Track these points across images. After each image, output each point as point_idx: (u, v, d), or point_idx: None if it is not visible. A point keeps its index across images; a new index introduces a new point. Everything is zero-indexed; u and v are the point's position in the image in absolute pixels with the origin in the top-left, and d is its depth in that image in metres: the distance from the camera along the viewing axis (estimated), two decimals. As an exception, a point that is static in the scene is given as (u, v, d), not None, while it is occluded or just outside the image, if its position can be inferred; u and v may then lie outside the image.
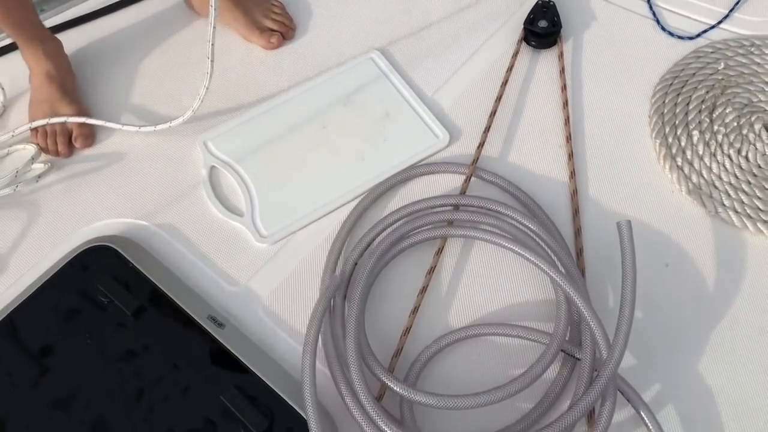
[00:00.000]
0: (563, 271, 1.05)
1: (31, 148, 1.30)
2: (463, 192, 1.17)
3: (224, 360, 1.03)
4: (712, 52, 1.32)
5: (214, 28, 1.16)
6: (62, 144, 1.30)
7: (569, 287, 1.00)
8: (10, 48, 1.47)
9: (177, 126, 1.25)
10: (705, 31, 1.36)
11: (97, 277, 1.10)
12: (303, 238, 1.17)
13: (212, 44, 1.17)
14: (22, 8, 1.26)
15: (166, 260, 1.15)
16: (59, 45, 1.36)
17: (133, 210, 1.22)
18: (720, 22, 1.37)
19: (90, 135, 1.32)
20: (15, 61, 1.44)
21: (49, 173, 1.27)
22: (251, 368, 1.02)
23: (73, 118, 1.29)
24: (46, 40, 1.32)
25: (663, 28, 1.37)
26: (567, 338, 1.03)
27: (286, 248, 1.16)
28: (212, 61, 1.18)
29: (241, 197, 1.21)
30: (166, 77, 1.39)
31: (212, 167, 1.25)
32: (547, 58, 1.35)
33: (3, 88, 1.38)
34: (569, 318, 1.02)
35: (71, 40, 1.42)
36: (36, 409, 1.01)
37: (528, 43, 1.36)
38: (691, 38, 1.36)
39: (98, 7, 1.50)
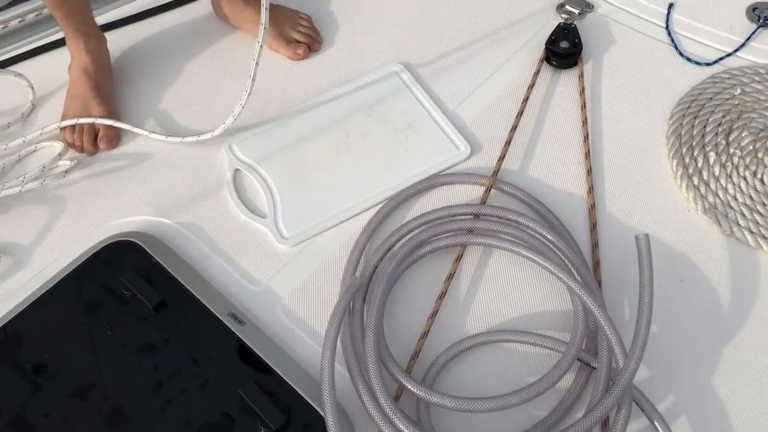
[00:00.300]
0: (581, 281, 1.07)
1: (58, 146, 1.32)
2: (483, 202, 1.19)
3: (244, 356, 1.05)
4: (728, 78, 1.35)
5: (261, 47, 1.17)
6: (88, 142, 1.32)
7: (587, 296, 1.01)
8: (40, 50, 1.51)
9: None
10: (722, 59, 1.40)
11: (120, 270, 1.11)
12: (324, 241, 1.19)
13: (257, 63, 1.18)
14: None
15: (189, 258, 1.17)
16: (103, 42, 1.39)
17: (157, 208, 1.24)
18: (736, 50, 1.41)
19: (115, 137, 1.34)
20: (45, 62, 1.49)
21: (75, 170, 1.30)
22: (270, 365, 1.03)
23: (100, 120, 1.32)
24: (92, 36, 1.35)
25: (681, 54, 1.41)
26: (583, 347, 1.04)
27: (307, 250, 1.18)
28: (253, 80, 1.20)
29: (264, 200, 1.23)
30: (195, 86, 1.42)
31: (236, 170, 1.27)
32: (568, 78, 1.38)
33: (33, 88, 1.41)
34: (586, 327, 1.03)
35: (112, 40, 1.45)
36: (55, 397, 1.02)
37: (549, 62, 1.40)
38: (708, 64, 1.39)
39: (131, 13, 1.55)
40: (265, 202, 1.23)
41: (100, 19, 1.52)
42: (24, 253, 1.20)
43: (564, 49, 1.37)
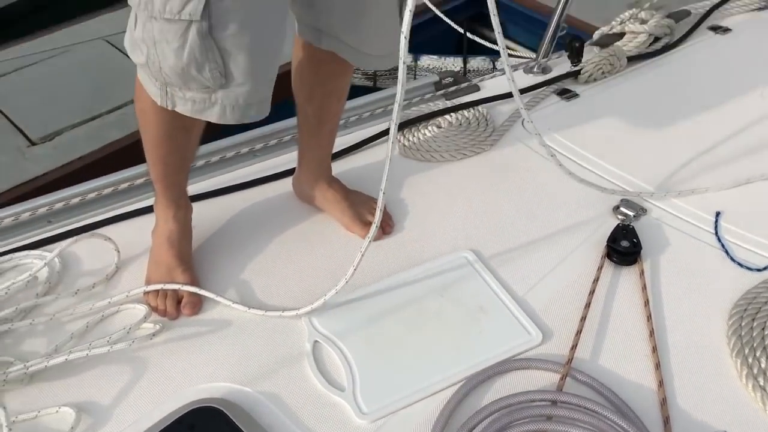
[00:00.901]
0: (664, 475, 1.08)
1: (141, 308, 1.38)
2: (559, 389, 1.22)
3: None
4: (780, 285, 1.44)
5: (370, 242, 1.25)
6: (171, 306, 1.38)
7: (673, 492, 1.02)
8: (127, 216, 1.60)
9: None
10: (770, 266, 1.49)
11: (204, 437, 1.13)
12: (402, 419, 1.20)
13: (363, 255, 1.26)
14: (180, 173, 1.41)
15: (269, 428, 1.18)
16: (189, 212, 1.48)
17: (237, 376, 1.26)
18: (784, 260, 1.51)
19: (198, 303, 1.40)
20: (130, 227, 1.58)
21: (159, 333, 1.33)
22: None
23: (186, 287, 1.38)
24: (181, 206, 1.45)
25: (732, 259, 1.50)
26: None
27: (386, 427, 1.19)
28: (355, 269, 1.27)
29: (342, 373, 1.26)
30: (273, 260, 1.51)
31: (315, 342, 1.31)
32: (630, 274, 1.46)
33: (119, 251, 1.49)
34: None
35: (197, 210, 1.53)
36: None
37: (611, 259, 1.48)
38: (759, 270, 1.48)
39: (216, 187, 1.67)
40: (344, 375, 1.26)
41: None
42: (103, 412, 1.21)
43: (624, 248, 1.47)
